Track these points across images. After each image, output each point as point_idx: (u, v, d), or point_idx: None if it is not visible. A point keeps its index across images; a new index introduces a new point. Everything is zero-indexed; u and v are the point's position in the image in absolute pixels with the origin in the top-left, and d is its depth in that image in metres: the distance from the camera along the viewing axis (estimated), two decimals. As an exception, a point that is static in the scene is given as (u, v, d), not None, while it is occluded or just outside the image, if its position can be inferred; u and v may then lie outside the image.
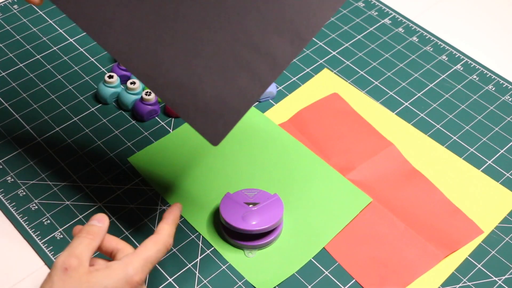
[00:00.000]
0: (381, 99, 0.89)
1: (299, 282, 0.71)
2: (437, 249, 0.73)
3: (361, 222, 0.76)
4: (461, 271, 0.72)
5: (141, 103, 0.84)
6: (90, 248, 0.58)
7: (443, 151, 0.83)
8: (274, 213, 0.72)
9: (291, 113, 0.87)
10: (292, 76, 0.92)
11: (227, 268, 0.72)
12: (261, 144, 0.83)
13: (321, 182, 0.79)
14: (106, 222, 0.61)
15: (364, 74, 0.92)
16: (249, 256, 0.73)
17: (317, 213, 0.76)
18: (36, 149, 0.82)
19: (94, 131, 0.84)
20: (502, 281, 0.72)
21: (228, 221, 0.71)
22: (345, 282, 0.71)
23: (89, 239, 0.59)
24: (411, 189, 0.79)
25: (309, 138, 0.84)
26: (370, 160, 0.81)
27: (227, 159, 0.82)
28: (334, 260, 0.73)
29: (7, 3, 1.01)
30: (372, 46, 0.96)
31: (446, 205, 0.78)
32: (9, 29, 0.97)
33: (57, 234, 0.74)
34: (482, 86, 0.91)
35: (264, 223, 0.71)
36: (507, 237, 0.75)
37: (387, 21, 1.00)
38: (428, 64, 0.94)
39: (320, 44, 0.96)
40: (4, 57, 0.93)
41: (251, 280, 0.71)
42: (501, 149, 0.84)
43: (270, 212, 0.72)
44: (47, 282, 0.56)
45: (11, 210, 0.76)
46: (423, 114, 0.87)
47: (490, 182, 0.80)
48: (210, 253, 0.73)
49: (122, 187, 0.79)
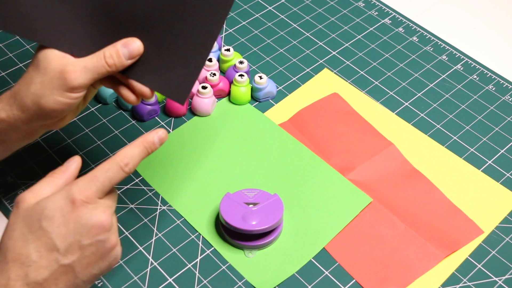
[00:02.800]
0: (381, 99, 0.89)
1: (299, 282, 0.71)
2: (437, 249, 0.73)
3: (361, 222, 0.76)
4: (461, 271, 0.72)
5: (141, 103, 0.84)
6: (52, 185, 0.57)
7: (443, 151, 0.83)
8: (274, 213, 0.72)
9: (291, 113, 0.87)
10: (292, 76, 0.92)
11: (227, 268, 0.72)
12: (261, 144, 0.83)
13: (321, 182, 0.79)
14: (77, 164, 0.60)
15: (364, 74, 0.92)
16: (249, 256, 0.73)
17: (317, 213, 0.76)
18: (36, 149, 0.82)
19: (94, 131, 0.84)
20: (503, 281, 0.72)
21: (228, 221, 0.71)
22: (345, 282, 0.71)
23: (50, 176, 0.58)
24: (411, 189, 0.79)
25: (309, 138, 0.84)
26: (370, 160, 0.81)
27: (227, 159, 0.81)
28: (334, 260, 0.73)
29: (7, 3, 1.01)
30: (372, 46, 0.96)
31: (446, 205, 0.78)
32: (9, 29, 0.97)
33: (57, 234, 0.74)
34: (482, 86, 0.91)
35: (264, 223, 0.71)
36: (507, 237, 0.75)
37: (387, 21, 1.00)
38: (428, 64, 0.94)
39: (320, 44, 0.96)
40: (4, 57, 0.93)
41: (251, 280, 0.71)
42: (501, 149, 0.84)
43: (270, 212, 0.72)
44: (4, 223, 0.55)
45: (11, 210, 0.76)
46: (423, 114, 0.87)
47: (490, 182, 0.80)
48: (210, 253, 0.73)
49: (122, 187, 0.79)
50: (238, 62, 0.88)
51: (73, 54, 0.61)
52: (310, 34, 0.98)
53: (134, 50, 0.61)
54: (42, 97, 0.59)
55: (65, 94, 0.60)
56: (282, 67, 0.93)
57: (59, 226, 0.54)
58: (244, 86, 0.87)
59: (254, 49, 0.95)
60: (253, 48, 0.95)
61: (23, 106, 0.61)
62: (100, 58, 0.60)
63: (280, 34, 0.98)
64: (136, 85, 0.62)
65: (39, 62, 0.60)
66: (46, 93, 0.59)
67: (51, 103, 0.60)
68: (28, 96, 0.60)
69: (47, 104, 0.60)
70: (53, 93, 0.59)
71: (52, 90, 0.59)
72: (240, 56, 0.92)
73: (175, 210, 0.77)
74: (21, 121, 0.62)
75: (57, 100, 0.60)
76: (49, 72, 0.59)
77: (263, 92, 0.87)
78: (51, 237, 0.53)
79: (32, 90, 0.60)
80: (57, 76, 0.59)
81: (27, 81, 0.60)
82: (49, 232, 0.53)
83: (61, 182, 0.58)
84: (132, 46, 0.60)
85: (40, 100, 0.60)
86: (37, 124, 0.63)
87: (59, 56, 0.60)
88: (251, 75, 0.91)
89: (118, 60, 0.60)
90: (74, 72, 0.59)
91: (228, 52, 0.90)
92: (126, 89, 0.63)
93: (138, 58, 0.61)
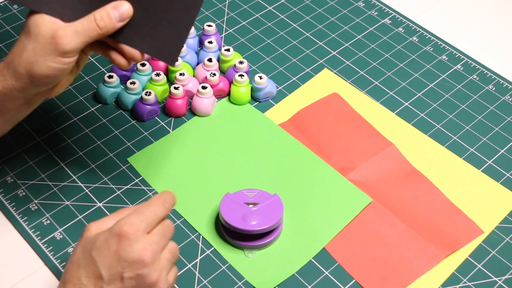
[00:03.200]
0: (381, 99, 0.89)
1: (299, 282, 0.71)
2: (437, 249, 0.73)
3: (361, 222, 0.76)
4: (461, 271, 0.72)
5: (141, 103, 0.84)
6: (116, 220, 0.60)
7: (443, 151, 0.83)
8: (274, 213, 0.72)
9: (291, 113, 0.87)
10: (292, 76, 0.92)
11: (227, 268, 0.72)
12: (261, 144, 0.83)
13: (321, 182, 0.79)
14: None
15: (364, 74, 0.92)
16: (249, 257, 0.73)
17: (317, 213, 0.76)
18: (36, 149, 0.82)
19: (94, 131, 0.84)
20: (502, 281, 0.72)
21: (228, 222, 0.71)
22: (345, 282, 0.71)
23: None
24: (411, 189, 0.79)
25: (309, 138, 0.84)
26: (370, 160, 0.81)
27: (227, 159, 0.81)
28: (334, 260, 0.73)
29: (7, 3, 1.01)
30: (372, 46, 0.96)
31: (446, 205, 0.78)
32: (9, 29, 0.97)
33: (57, 234, 0.74)
34: (482, 86, 0.91)
35: (264, 223, 0.71)
36: (507, 237, 0.75)
37: (387, 21, 1.00)
38: (428, 64, 0.94)
39: (320, 44, 0.96)
40: (4, 57, 0.93)
41: (251, 280, 0.71)
42: (501, 149, 0.84)
43: (270, 212, 0.72)
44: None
45: (11, 210, 0.76)
46: (423, 114, 0.87)
47: (490, 182, 0.80)
48: (210, 253, 0.73)
49: (122, 187, 0.79)
50: (238, 62, 0.88)
51: (63, 19, 0.61)
52: (310, 34, 0.98)
53: (125, 12, 0.61)
54: (34, 64, 0.60)
55: (57, 59, 0.60)
56: (282, 67, 0.93)
57: (105, 257, 0.57)
58: (244, 86, 0.87)
59: (254, 49, 0.95)
60: (253, 48, 0.95)
61: (17, 74, 0.61)
62: (91, 21, 0.60)
63: (280, 34, 0.98)
64: (126, 48, 0.63)
65: (30, 28, 0.60)
66: (38, 59, 0.60)
67: (43, 69, 0.60)
68: (20, 64, 0.60)
69: (40, 70, 0.60)
70: (45, 58, 0.60)
71: (44, 55, 0.60)
72: (240, 56, 0.92)
73: (175, 210, 0.77)
74: (16, 90, 0.62)
75: (49, 66, 0.60)
76: (40, 38, 0.60)
77: (263, 92, 0.87)
78: (98, 266, 0.57)
79: (24, 57, 0.60)
80: (48, 41, 0.60)
81: (19, 49, 0.61)
82: (97, 262, 0.57)
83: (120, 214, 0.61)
84: (122, 8, 0.61)
85: (32, 67, 0.60)
86: (32, 91, 0.63)
87: (50, 21, 0.60)
88: (251, 75, 0.91)
89: (109, 22, 0.61)
90: (65, 37, 0.59)
91: (228, 52, 0.90)
92: (116, 54, 0.64)
93: (128, 20, 0.62)
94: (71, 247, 0.73)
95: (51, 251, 0.73)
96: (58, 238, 0.74)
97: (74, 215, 0.76)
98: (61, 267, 0.71)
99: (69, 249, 0.73)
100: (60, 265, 0.72)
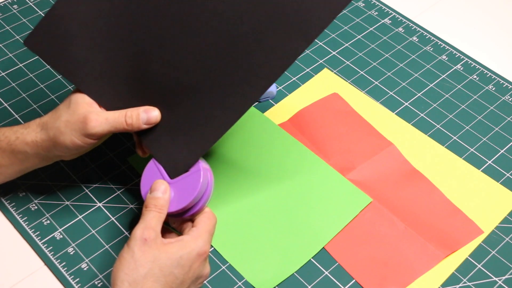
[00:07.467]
0: (381, 99, 0.89)
1: (299, 282, 0.71)
2: (437, 249, 0.73)
3: (361, 222, 0.76)
4: (461, 271, 0.72)
5: (141, 103, 0.84)
6: (160, 220, 0.64)
7: (443, 151, 0.83)
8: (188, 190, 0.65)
9: (291, 113, 0.87)
10: (292, 76, 0.92)
11: (227, 268, 0.72)
12: (261, 144, 0.83)
13: (321, 182, 0.79)
14: (168, 192, 0.65)
15: (364, 74, 0.92)
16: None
17: (317, 213, 0.76)
18: (36, 149, 0.82)
19: (94, 131, 0.84)
20: (502, 281, 0.72)
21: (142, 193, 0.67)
22: (345, 282, 0.71)
23: (158, 212, 0.64)
24: (411, 189, 0.79)
25: (309, 138, 0.84)
26: (370, 160, 0.81)
27: (227, 159, 0.81)
28: (334, 260, 0.73)
29: (7, 3, 1.01)
30: (372, 46, 0.96)
31: (446, 205, 0.78)
32: (9, 29, 0.97)
33: (57, 234, 0.74)
34: (482, 86, 0.91)
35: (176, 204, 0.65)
36: (507, 237, 0.75)
37: (387, 21, 1.00)
38: (428, 64, 0.94)
39: (320, 44, 0.96)
40: (4, 57, 0.93)
41: (251, 280, 0.71)
42: (501, 149, 0.84)
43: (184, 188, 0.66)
44: (128, 252, 0.61)
45: (11, 210, 0.76)
46: (423, 114, 0.87)
47: (490, 182, 0.80)
48: (210, 253, 0.73)
49: (122, 187, 0.79)
50: (238, 62, 0.88)
51: (100, 104, 0.68)
52: (310, 34, 0.98)
53: (152, 117, 0.68)
54: (62, 134, 0.66)
55: (81, 138, 0.66)
56: (282, 67, 0.93)
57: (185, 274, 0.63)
58: (244, 86, 0.87)
59: (254, 49, 0.95)
60: (253, 48, 0.95)
61: (45, 136, 0.68)
62: (122, 115, 0.67)
63: (280, 34, 0.98)
64: (145, 146, 0.70)
65: (70, 103, 0.68)
66: (66, 131, 0.66)
67: (67, 141, 0.66)
68: (52, 129, 0.67)
69: (64, 141, 0.67)
70: (72, 133, 0.66)
71: (72, 131, 0.66)
72: (240, 56, 0.92)
73: (175, 210, 0.77)
74: (42, 148, 0.69)
75: (73, 141, 0.66)
76: (75, 115, 0.66)
77: (263, 92, 0.87)
78: (176, 283, 0.62)
79: (56, 125, 0.67)
80: (80, 120, 0.66)
81: (55, 116, 0.68)
82: (177, 278, 0.62)
83: (164, 216, 0.65)
84: (152, 113, 0.68)
85: (59, 136, 0.67)
86: (52, 153, 0.69)
87: (88, 103, 0.67)
88: (251, 75, 0.91)
89: (136, 122, 0.67)
90: (96, 121, 0.66)
91: (228, 52, 0.90)
92: (138, 144, 0.71)
93: (153, 125, 0.68)
94: (71, 247, 0.73)
95: (51, 251, 0.73)
96: (58, 238, 0.74)
97: (74, 215, 0.76)
98: (61, 267, 0.71)
99: (69, 249, 0.73)
100: (60, 265, 0.72)
